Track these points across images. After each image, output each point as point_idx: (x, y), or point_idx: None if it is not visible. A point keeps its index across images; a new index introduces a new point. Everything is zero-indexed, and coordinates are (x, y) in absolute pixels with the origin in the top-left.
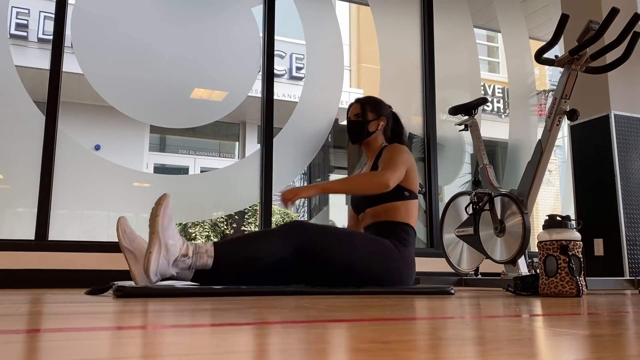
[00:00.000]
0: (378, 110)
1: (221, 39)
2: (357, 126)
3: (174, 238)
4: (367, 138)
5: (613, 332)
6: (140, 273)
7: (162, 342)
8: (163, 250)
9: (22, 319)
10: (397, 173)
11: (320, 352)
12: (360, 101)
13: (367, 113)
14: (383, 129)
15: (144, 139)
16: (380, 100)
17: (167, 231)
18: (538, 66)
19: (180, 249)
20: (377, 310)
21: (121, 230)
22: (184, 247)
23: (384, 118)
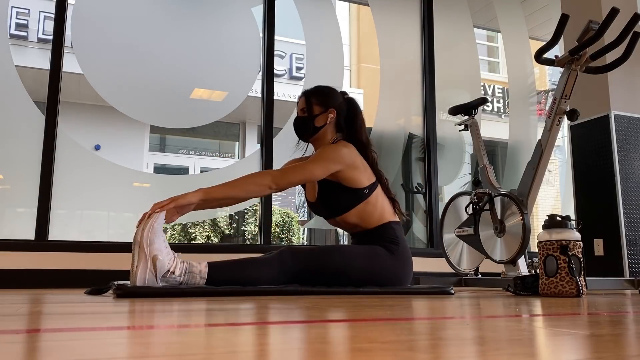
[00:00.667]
0: (326, 101)
1: (221, 39)
2: (302, 122)
3: (162, 253)
4: (314, 135)
5: (613, 332)
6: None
7: (162, 342)
8: (150, 265)
9: (22, 319)
10: (297, 174)
11: (320, 352)
12: (305, 94)
13: (312, 107)
14: (334, 121)
15: (144, 139)
16: (329, 89)
17: (153, 245)
18: (538, 66)
19: (168, 264)
20: (377, 310)
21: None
22: (174, 263)
23: (333, 110)
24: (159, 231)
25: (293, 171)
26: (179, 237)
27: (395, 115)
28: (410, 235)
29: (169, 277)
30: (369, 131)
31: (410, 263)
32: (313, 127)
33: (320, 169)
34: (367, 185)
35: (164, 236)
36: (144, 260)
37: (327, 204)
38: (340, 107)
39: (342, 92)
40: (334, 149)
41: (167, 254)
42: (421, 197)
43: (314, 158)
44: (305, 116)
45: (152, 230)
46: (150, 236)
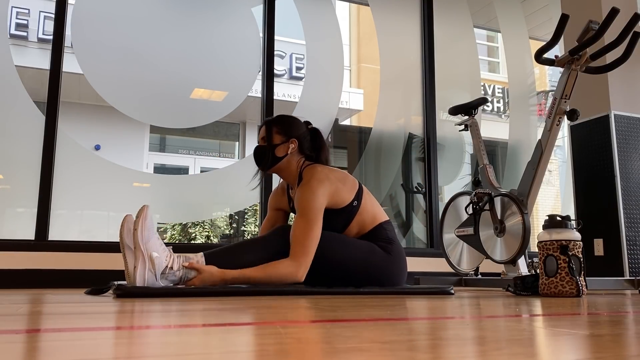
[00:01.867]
0: (287, 131)
1: (221, 39)
2: (261, 151)
3: (158, 250)
4: (273, 165)
5: (613, 332)
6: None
7: (162, 342)
8: (148, 264)
9: (22, 319)
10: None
11: (321, 352)
12: (267, 122)
13: (273, 136)
14: (296, 151)
15: (144, 139)
16: (292, 118)
17: (149, 243)
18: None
19: (166, 261)
20: (377, 310)
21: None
22: (170, 259)
23: (295, 140)
24: (151, 229)
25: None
26: (179, 237)
27: (395, 115)
28: (410, 235)
29: (167, 274)
30: (369, 131)
31: (405, 262)
32: (272, 156)
33: (318, 223)
34: (353, 197)
35: (157, 233)
36: (142, 259)
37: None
38: (303, 137)
39: (305, 122)
40: (312, 193)
41: (163, 251)
42: (421, 197)
43: (303, 216)
44: (265, 145)
45: (145, 229)
46: (145, 235)
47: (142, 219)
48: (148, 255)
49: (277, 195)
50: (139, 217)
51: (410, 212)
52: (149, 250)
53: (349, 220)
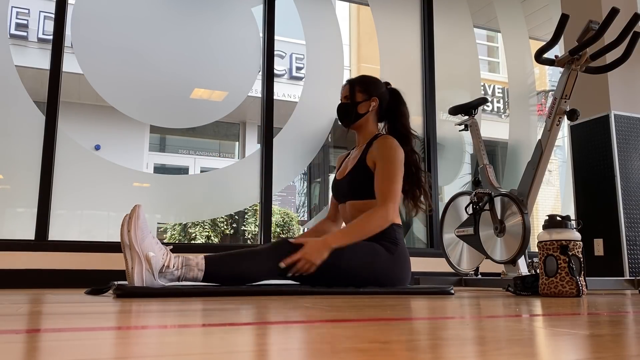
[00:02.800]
0: (369, 90)
1: (221, 39)
2: (345, 108)
3: (154, 249)
4: (356, 121)
5: (613, 332)
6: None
7: (162, 342)
8: (145, 264)
9: (22, 319)
10: (396, 197)
11: (320, 352)
12: (350, 82)
13: (355, 94)
14: (376, 110)
15: (144, 139)
16: (373, 79)
17: (144, 243)
18: (538, 66)
19: (162, 259)
20: (377, 310)
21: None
22: (167, 257)
23: (376, 98)
24: (145, 229)
25: (392, 195)
26: (179, 237)
27: None
28: (410, 235)
29: (165, 272)
30: None
31: (409, 264)
32: (356, 113)
33: (400, 177)
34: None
35: (152, 232)
36: (138, 259)
37: (353, 186)
38: (382, 96)
39: (385, 83)
40: (394, 150)
41: (160, 249)
42: None
43: (387, 167)
44: (348, 103)
45: (139, 229)
46: (139, 235)
47: (135, 219)
48: (144, 255)
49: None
50: (131, 217)
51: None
52: (144, 250)
53: (374, 196)
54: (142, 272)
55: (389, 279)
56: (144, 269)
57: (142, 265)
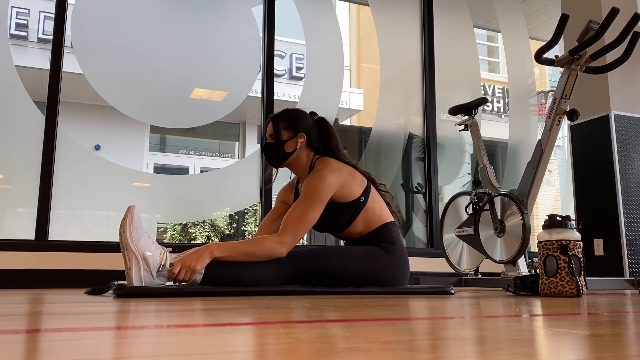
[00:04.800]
0: (294, 126)
1: (221, 39)
2: (271, 149)
3: (150, 248)
4: (285, 161)
5: (613, 332)
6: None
7: (162, 342)
8: (142, 264)
9: (22, 319)
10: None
11: (321, 352)
12: (273, 119)
13: (280, 132)
14: (304, 145)
15: (144, 139)
16: (297, 112)
17: (139, 243)
18: (538, 66)
19: (160, 258)
20: (377, 310)
21: (128, 222)
22: (164, 256)
23: (303, 134)
24: (140, 229)
25: (295, 227)
26: (179, 237)
27: (395, 115)
28: (410, 235)
29: (163, 271)
30: (369, 131)
31: (407, 262)
32: (283, 152)
33: (318, 209)
34: (360, 193)
35: (148, 232)
36: (135, 260)
37: (329, 224)
38: (310, 129)
39: (311, 113)
40: (321, 179)
41: (156, 248)
42: (421, 197)
43: (305, 198)
44: (274, 142)
45: (134, 229)
46: (135, 235)
47: (129, 220)
48: (141, 255)
49: (285, 190)
50: (125, 218)
51: (410, 212)
52: (140, 250)
53: (354, 216)
54: (140, 271)
55: (388, 279)
56: (142, 269)
57: (139, 265)
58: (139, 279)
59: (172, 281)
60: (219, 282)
